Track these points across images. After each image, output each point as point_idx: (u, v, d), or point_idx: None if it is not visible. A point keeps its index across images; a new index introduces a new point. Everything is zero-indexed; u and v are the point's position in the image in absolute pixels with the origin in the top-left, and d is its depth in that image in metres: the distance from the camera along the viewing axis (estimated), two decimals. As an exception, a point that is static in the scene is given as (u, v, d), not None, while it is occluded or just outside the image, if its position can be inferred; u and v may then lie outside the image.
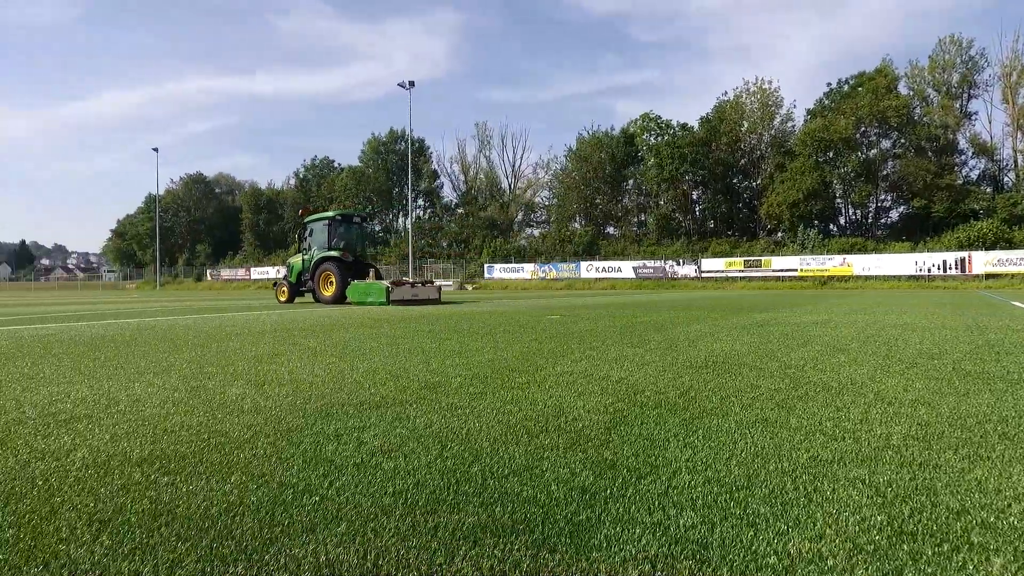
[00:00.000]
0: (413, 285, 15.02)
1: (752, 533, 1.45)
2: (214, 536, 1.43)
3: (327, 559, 1.32)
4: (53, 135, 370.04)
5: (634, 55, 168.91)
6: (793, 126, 45.26)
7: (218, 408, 2.82)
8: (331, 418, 2.61)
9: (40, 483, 1.80)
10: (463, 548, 1.37)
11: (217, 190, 74.13)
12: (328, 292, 15.74)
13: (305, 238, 17.31)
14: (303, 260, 17.00)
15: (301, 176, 66.58)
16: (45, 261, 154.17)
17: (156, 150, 60.18)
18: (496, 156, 59.71)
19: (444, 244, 56.27)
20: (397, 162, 61.59)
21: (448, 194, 63.31)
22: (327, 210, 17.23)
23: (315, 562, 1.30)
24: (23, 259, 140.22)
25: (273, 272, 58.72)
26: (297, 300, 17.06)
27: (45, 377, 3.76)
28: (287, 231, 65.47)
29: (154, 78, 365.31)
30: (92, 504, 1.63)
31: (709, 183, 47.03)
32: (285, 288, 17.10)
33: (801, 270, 36.48)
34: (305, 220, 17.52)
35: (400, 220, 65.64)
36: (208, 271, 64.97)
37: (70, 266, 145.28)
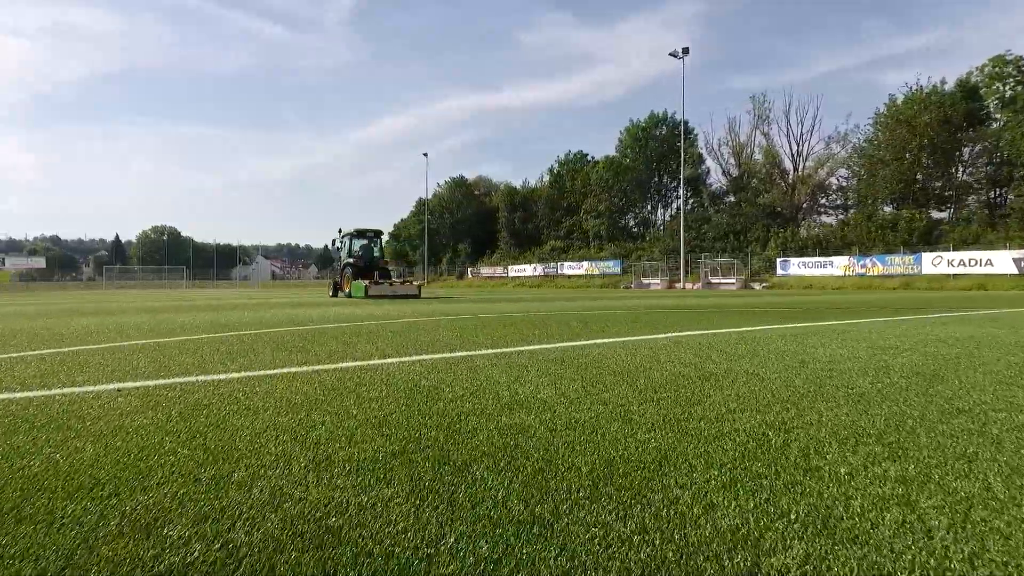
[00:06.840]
0: (391, 284, 18.90)
1: None
2: None
3: None
4: (344, 157, 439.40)
5: (910, 14, 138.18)
6: None
7: None
8: None
9: None
10: None
11: (476, 192, 76.31)
12: (346, 288, 19.70)
13: (339, 248, 21.95)
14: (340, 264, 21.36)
15: (555, 172, 64.71)
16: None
17: (426, 155, 65.07)
18: (775, 132, 49.46)
19: (710, 236, 48.84)
20: (657, 148, 56.00)
21: (715, 180, 55.55)
22: (352, 229, 21.88)
23: None
24: (327, 261, 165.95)
25: (530, 269, 57.64)
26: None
27: None
28: (541, 228, 64.20)
29: (420, 101, 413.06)
30: None
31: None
32: (332, 285, 21.65)
33: None
34: (340, 236, 22.12)
35: (659, 212, 59.88)
36: (469, 269, 66.81)
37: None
